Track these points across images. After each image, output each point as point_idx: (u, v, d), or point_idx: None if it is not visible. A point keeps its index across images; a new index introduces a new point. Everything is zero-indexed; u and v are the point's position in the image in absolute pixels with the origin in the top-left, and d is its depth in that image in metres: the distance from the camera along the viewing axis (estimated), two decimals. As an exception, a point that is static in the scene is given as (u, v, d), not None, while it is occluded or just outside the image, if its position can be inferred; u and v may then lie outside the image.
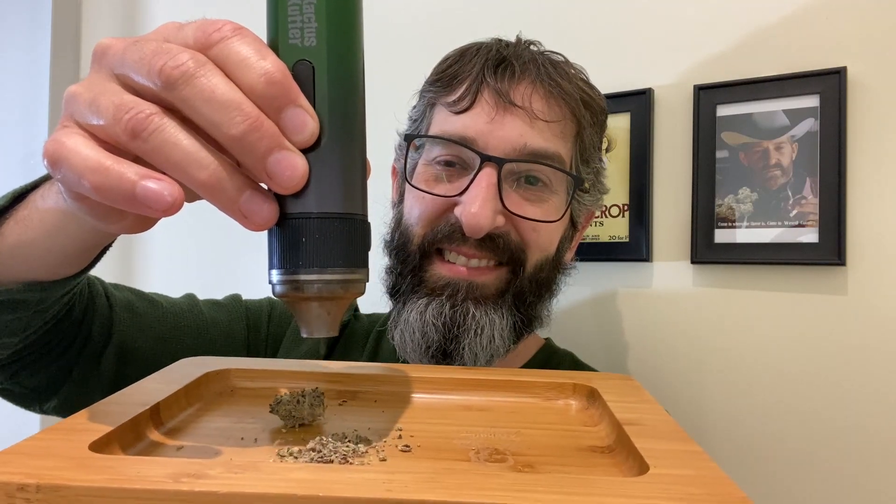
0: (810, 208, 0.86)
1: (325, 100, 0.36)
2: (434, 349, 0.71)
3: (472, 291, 0.71)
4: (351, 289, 0.38)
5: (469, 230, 0.69)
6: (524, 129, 0.72)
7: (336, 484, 0.31)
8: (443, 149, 0.75)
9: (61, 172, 0.35)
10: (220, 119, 0.33)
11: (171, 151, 0.34)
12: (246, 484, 0.31)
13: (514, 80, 0.73)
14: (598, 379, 0.57)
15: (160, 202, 0.33)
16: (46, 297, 0.57)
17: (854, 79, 0.84)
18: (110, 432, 0.38)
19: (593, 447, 0.45)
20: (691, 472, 0.36)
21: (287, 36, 0.36)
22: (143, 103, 0.35)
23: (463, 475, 0.33)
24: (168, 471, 0.32)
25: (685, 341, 0.96)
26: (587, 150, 0.78)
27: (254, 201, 0.35)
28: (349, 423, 0.47)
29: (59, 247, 0.52)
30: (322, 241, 0.36)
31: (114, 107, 0.35)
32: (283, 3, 0.36)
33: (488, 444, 0.44)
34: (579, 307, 1.05)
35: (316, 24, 0.36)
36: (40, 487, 0.30)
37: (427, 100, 0.80)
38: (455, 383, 0.56)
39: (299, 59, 0.36)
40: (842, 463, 0.84)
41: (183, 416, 0.47)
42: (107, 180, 0.34)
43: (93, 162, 0.34)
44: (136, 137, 0.34)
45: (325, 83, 0.36)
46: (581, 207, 0.81)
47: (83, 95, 0.36)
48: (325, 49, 0.36)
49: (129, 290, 0.78)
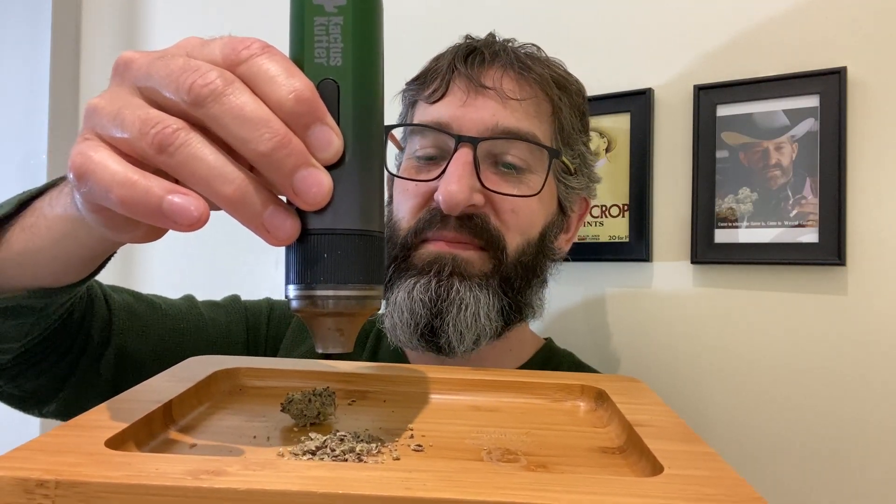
0: (810, 208, 0.86)
1: (349, 118, 0.37)
2: (422, 327, 0.71)
3: (457, 266, 0.71)
4: (367, 305, 0.38)
5: (446, 206, 0.70)
6: (496, 109, 0.73)
7: (355, 482, 0.31)
8: (422, 139, 0.77)
9: (88, 185, 0.35)
10: (248, 136, 0.34)
11: (197, 166, 0.34)
12: (265, 481, 0.31)
13: (484, 65, 0.76)
14: (606, 381, 0.58)
15: (187, 217, 0.34)
16: (50, 303, 0.57)
17: (854, 79, 0.84)
18: (125, 429, 0.38)
19: (604, 448, 0.45)
20: (706, 474, 0.36)
21: (313, 55, 0.37)
22: (168, 118, 0.35)
23: (480, 474, 0.33)
24: (187, 468, 0.32)
25: (685, 341, 0.96)
26: (566, 131, 0.79)
27: (277, 216, 0.35)
28: (360, 423, 0.47)
29: (66, 255, 0.52)
30: (341, 258, 0.36)
31: (140, 121, 0.35)
32: (310, 22, 0.37)
33: (500, 444, 0.45)
34: (579, 307, 1.05)
35: (342, 45, 0.37)
36: (59, 483, 0.30)
37: (408, 99, 0.83)
38: (463, 384, 0.56)
39: (324, 78, 0.37)
40: (842, 463, 0.85)
41: (194, 414, 0.47)
42: (134, 194, 0.34)
43: (120, 176, 0.34)
44: (162, 152, 0.34)
45: (349, 102, 0.37)
46: (570, 192, 0.81)
47: (106, 109, 0.36)
48: (350, 69, 0.37)
49: (127, 293, 0.78)
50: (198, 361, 0.56)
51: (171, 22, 1.52)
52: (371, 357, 0.87)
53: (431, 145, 0.76)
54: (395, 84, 1.26)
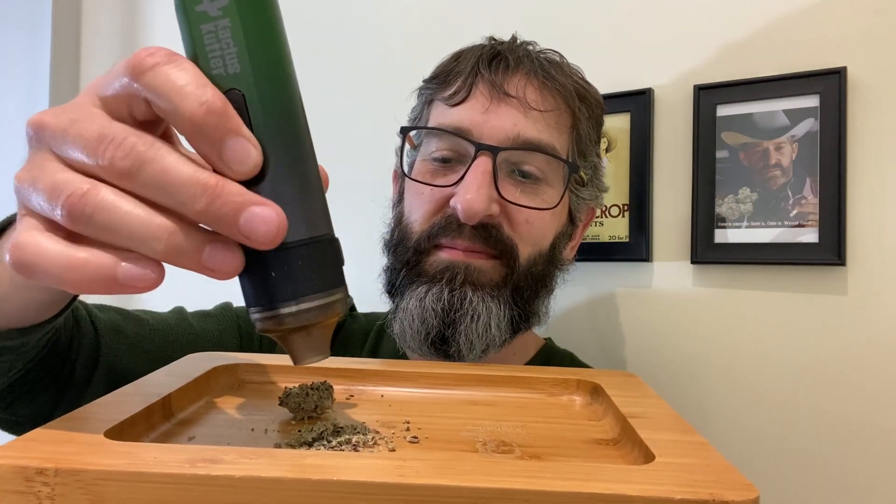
0: (810, 208, 0.87)
1: (263, 126, 0.34)
2: (434, 335, 0.71)
3: (470, 275, 0.71)
4: (330, 311, 0.37)
5: (464, 215, 0.69)
6: (518, 119, 0.73)
7: (350, 469, 0.32)
8: (439, 142, 0.76)
9: (35, 277, 0.33)
10: (179, 199, 0.32)
11: (118, 229, 0.32)
12: (261, 469, 0.31)
13: (509, 72, 0.75)
14: (602, 375, 0.58)
15: (143, 280, 0.33)
16: (27, 341, 0.56)
17: (854, 79, 0.85)
18: (124, 421, 0.39)
19: (598, 440, 0.46)
20: (696, 462, 0.36)
21: (209, 66, 0.34)
22: (75, 181, 0.33)
23: (473, 462, 0.34)
24: (184, 456, 0.32)
25: (685, 341, 0.97)
26: (583, 142, 0.79)
27: (215, 255, 0.34)
28: (357, 416, 0.48)
29: (34, 299, 0.51)
30: (293, 272, 0.35)
31: (49, 189, 0.33)
32: (198, 31, 0.34)
33: (495, 436, 0.45)
34: (579, 307, 1.05)
35: (235, 48, 0.34)
36: (58, 472, 0.31)
37: (425, 97, 0.82)
38: (460, 379, 0.57)
39: (228, 89, 0.34)
40: (841, 463, 0.85)
41: (193, 408, 0.47)
42: (85, 275, 0.32)
43: (63, 260, 0.33)
44: (77, 222, 0.32)
45: (259, 109, 0.34)
46: (580, 202, 0.82)
47: (25, 180, 0.35)
48: (251, 73, 0.34)
49: (114, 311, 0.76)
50: (198, 358, 0.57)
51: (171, 22, 1.52)
52: (371, 355, 0.87)
53: (449, 149, 0.75)
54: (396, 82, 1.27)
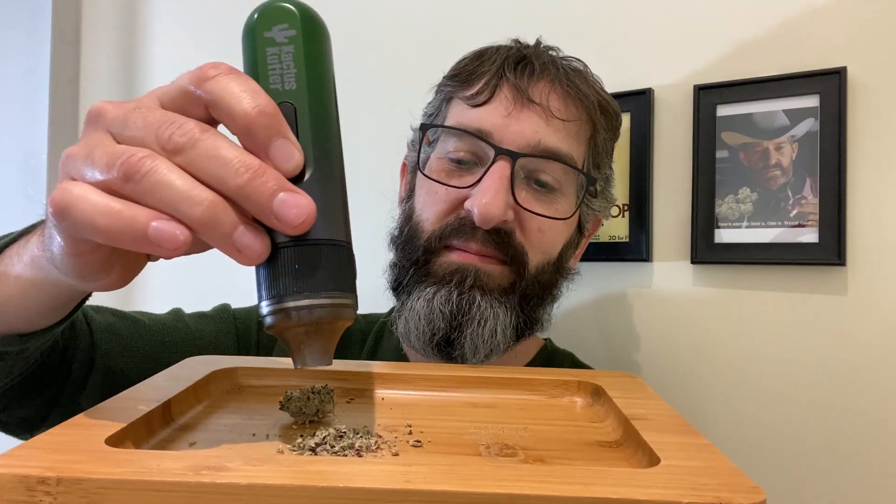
0: (810, 208, 0.86)
1: (308, 135, 0.39)
2: (439, 337, 0.70)
3: (479, 279, 0.71)
4: (341, 313, 0.39)
5: (480, 219, 0.69)
6: (540, 126, 0.72)
7: (356, 475, 0.31)
8: (457, 141, 0.75)
9: (70, 219, 0.36)
10: (224, 172, 0.35)
11: (164, 191, 0.35)
12: (266, 476, 0.31)
13: (534, 77, 0.74)
14: (603, 376, 0.58)
15: (172, 241, 0.34)
16: (28, 347, 0.56)
17: (854, 79, 0.85)
18: (124, 428, 0.38)
19: (601, 442, 0.46)
20: (702, 464, 0.36)
21: (268, 81, 0.39)
22: (135, 148, 0.36)
23: (479, 467, 0.33)
24: (187, 464, 0.32)
25: (685, 341, 0.96)
26: (600, 154, 0.79)
27: (247, 235, 0.36)
28: (359, 420, 0.48)
29: (36, 305, 0.51)
30: (310, 268, 0.37)
31: (107, 155, 0.36)
32: (262, 53, 0.40)
33: (497, 439, 0.45)
34: (579, 307, 1.05)
35: (295, 71, 0.40)
36: (61, 480, 0.31)
37: (444, 94, 0.81)
38: (461, 381, 0.57)
39: (282, 101, 0.39)
40: (841, 463, 0.85)
41: (193, 413, 0.47)
42: (119, 222, 0.35)
43: (102, 206, 0.35)
44: (129, 180, 0.35)
45: (306, 121, 0.39)
46: (589, 212, 0.82)
47: (79, 153, 0.38)
48: (305, 91, 0.40)
49: (109, 312, 0.76)
50: (196, 361, 0.57)
51: (171, 22, 1.52)
52: (371, 356, 0.87)
53: (467, 150, 0.74)
54: (396, 80, 1.26)
